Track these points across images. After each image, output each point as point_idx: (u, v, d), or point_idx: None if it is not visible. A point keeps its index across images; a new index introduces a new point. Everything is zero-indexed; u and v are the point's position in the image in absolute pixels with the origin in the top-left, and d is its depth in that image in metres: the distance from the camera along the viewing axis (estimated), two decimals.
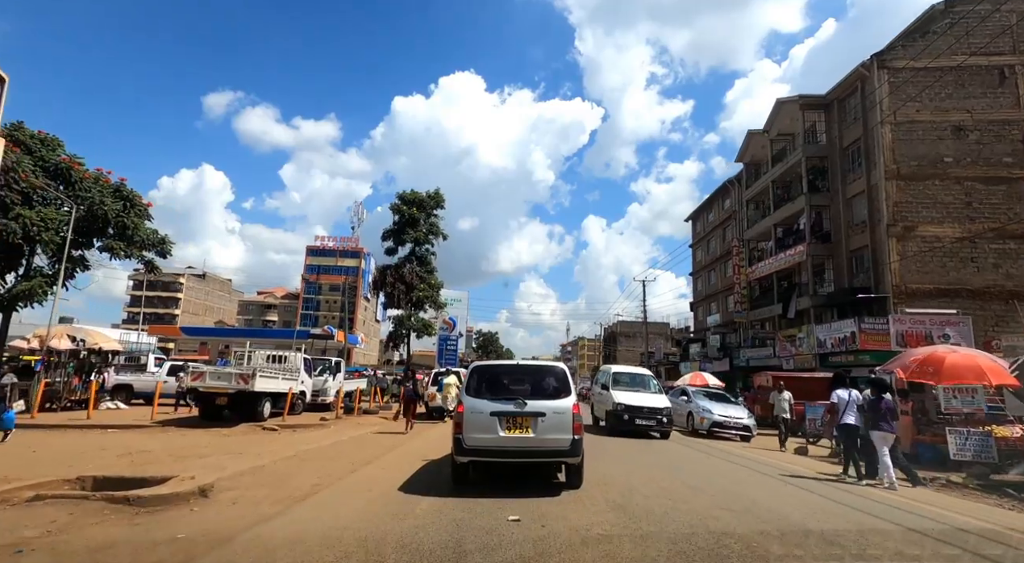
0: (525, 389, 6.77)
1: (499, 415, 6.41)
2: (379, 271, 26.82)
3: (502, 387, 6.86)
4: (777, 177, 31.15)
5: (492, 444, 6.37)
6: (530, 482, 7.05)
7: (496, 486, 6.73)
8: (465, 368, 21.97)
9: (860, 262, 25.31)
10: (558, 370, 7.18)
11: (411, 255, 27.58)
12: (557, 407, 6.52)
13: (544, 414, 6.41)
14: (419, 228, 27.13)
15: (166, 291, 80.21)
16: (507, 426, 6.39)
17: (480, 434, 6.39)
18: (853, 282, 25.42)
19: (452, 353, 44.89)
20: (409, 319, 26.09)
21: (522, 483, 6.96)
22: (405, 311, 26.29)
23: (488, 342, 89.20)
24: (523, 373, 7.28)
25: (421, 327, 26.46)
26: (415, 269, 26.80)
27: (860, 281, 24.96)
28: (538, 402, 6.52)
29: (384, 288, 26.44)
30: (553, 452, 6.49)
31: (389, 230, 27.43)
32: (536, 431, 6.37)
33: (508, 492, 6.36)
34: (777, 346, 29.57)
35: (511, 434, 6.36)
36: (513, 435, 6.36)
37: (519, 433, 6.37)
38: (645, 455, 11.03)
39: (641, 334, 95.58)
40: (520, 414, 6.41)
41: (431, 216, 27.88)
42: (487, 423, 6.39)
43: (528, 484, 6.92)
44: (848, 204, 26.10)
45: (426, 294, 26.64)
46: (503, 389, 6.81)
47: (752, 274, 33.52)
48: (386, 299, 27.04)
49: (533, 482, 7.06)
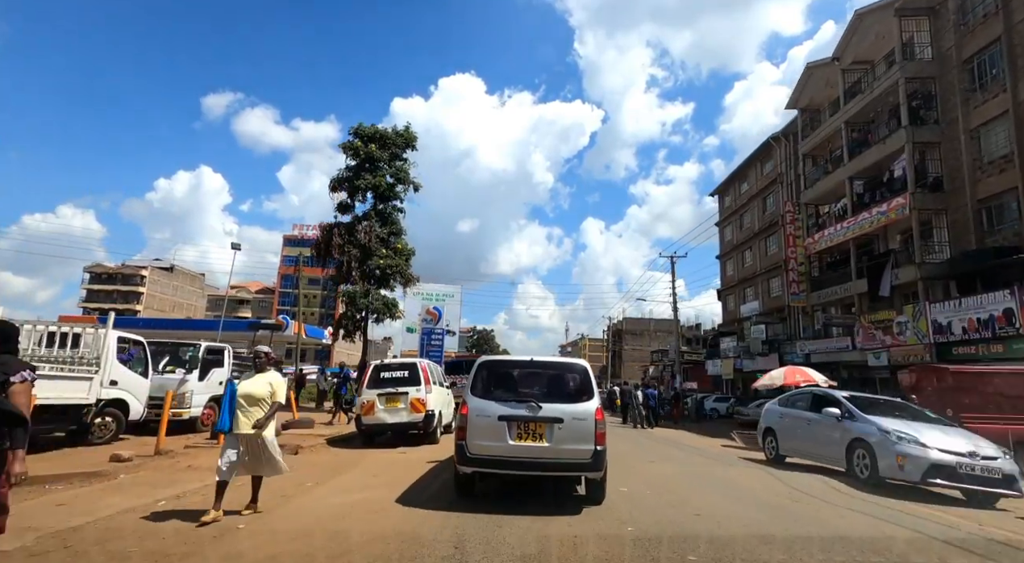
0: (540, 390, 5.88)
1: (508, 420, 5.48)
2: (323, 231, 19.39)
3: (513, 387, 5.97)
4: (854, 115, 23.96)
5: (500, 453, 5.45)
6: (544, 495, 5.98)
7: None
8: (434, 362, 16.80)
9: (998, 213, 18.07)
10: (579, 368, 6.13)
11: (371, 211, 20.25)
12: (577, 412, 5.53)
13: (562, 420, 5.45)
14: (381, 173, 19.77)
15: (126, 285, 72.47)
16: (518, 433, 5.47)
17: (486, 441, 5.48)
18: (985, 241, 18.22)
19: (437, 349, 37.39)
20: (365, 296, 18.68)
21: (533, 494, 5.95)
22: (360, 286, 18.90)
23: (483, 341, 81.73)
24: (538, 371, 6.24)
25: (382, 308, 19.06)
26: (374, 227, 19.45)
27: (998, 239, 17.75)
28: (555, 405, 5.54)
29: (329, 255, 19.05)
30: (571, 465, 5.50)
31: (339, 177, 20.08)
32: (552, 440, 5.42)
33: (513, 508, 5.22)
34: (860, 335, 22.33)
35: (522, 443, 5.45)
36: (525, 444, 5.43)
37: (532, 442, 5.44)
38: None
39: (649, 332, 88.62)
40: (533, 419, 5.46)
41: (398, 159, 20.55)
42: (494, 429, 5.46)
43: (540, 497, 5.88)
44: (973, 137, 18.89)
45: (391, 263, 19.29)
46: (514, 389, 5.93)
47: (814, 246, 26.29)
48: (335, 272, 19.63)
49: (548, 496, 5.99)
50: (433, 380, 11.12)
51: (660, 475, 8.33)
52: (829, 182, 25.66)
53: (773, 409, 10.62)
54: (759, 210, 35.35)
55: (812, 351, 26.05)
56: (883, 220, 21.28)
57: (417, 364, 10.83)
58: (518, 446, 5.42)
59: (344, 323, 19.31)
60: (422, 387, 10.52)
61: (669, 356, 60.55)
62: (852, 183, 23.88)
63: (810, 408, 9.38)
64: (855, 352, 22.77)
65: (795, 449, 9.70)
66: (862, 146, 23.49)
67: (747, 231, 37.07)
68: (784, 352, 29.34)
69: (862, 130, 24.07)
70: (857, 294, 23.12)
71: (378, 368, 10.84)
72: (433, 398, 10.73)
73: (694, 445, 15.23)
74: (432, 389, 10.79)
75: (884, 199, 21.49)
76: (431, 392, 10.66)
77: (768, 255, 34.05)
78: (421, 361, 11.24)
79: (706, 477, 8.39)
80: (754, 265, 35.70)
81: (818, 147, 27.22)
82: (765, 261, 34.13)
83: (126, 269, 74.69)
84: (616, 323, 77.72)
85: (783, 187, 32.06)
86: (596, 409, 5.58)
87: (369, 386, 10.50)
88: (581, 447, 5.42)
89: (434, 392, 10.87)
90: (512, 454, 5.43)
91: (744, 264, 37.79)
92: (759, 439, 10.86)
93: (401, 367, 10.82)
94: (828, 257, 27.21)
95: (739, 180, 38.95)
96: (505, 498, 6.05)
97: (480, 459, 5.51)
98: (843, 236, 23.71)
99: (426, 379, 10.66)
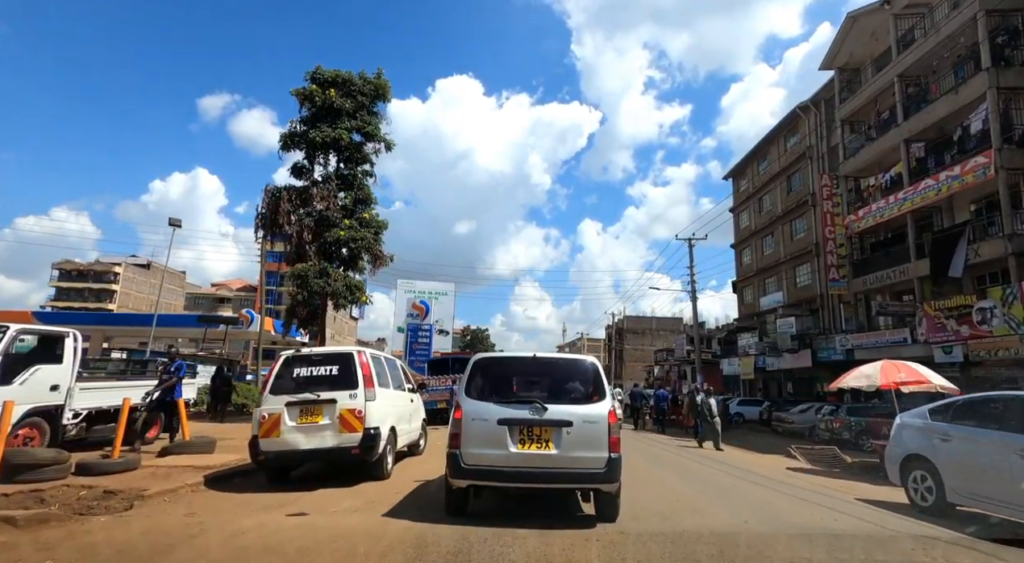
0: (544, 390, 5.28)
1: (510, 424, 4.88)
2: (268, 195, 15.47)
3: (513, 387, 5.43)
4: (909, 66, 20.25)
5: (500, 463, 4.83)
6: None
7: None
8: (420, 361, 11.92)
9: None
10: (588, 365, 5.49)
11: (332, 174, 16.42)
12: (588, 414, 4.93)
13: (571, 423, 4.85)
14: (341, 125, 15.91)
15: (98, 282, 68.23)
16: (520, 439, 4.87)
17: (484, 449, 4.87)
18: None
19: (424, 348, 33.58)
20: (320, 277, 14.82)
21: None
22: (313, 265, 15.04)
23: (476, 340, 77.85)
24: (541, 369, 5.60)
25: (342, 290, 15.19)
26: (333, 191, 15.60)
27: None
28: (562, 407, 4.98)
29: (276, 227, 15.19)
30: (582, 475, 4.83)
31: (291, 131, 16.21)
32: (560, 447, 4.82)
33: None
34: (924, 325, 18.61)
35: (526, 450, 4.83)
36: (529, 451, 4.82)
37: (537, 448, 4.83)
38: None
39: (651, 331, 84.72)
40: (539, 423, 4.89)
41: (365, 110, 16.71)
42: (493, 434, 4.87)
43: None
44: None
45: (355, 236, 15.44)
46: (515, 390, 5.39)
47: (856, 224, 22.58)
48: (285, 248, 15.73)
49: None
50: (381, 381, 7.23)
51: (739, 535, 4.69)
52: (875, 149, 21.96)
53: (922, 425, 6.64)
54: (782, 190, 31.63)
55: (857, 346, 22.31)
56: (955, 186, 17.56)
57: (354, 356, 7.01)
58: (521, 454, 4.82)
59: (296, 310, 15.42)
60: (359, 391, 6.72)
61: (675, 355, 56.93)
62: (908, 147, 20.16)
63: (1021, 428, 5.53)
64: (916, 346, 19.04)
65: (981, 494, 5.85)
66: (921, 102, 19.79)
67: (768, 215, 33.36)
68: (818, 348, 25.61)
69: (921, 83, 20.37)
70: (917, 277, 19.39)
71: (289, 362, 6.92)
72: (378, 408, 6.87)
73: (742, 465, 11.45)
74: (378, 394, 6.95)
75: (955, 162, 17.78)
76: (374, 399, 6.82)
77: (794, 240, 30.35)
78: (361, 351, 7.30)
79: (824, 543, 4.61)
80: (777, 252, 31.98)
81: (860, 110, 23.51)
82: (790, 247, 30.42)
83: (98, 266, 70.42)
84: (617, 321, 73.96)
85: (812, 162, 28.36)
86: (609, 411, 5.00)
87: (273, 390, 6.75)
88: (594, 454, 4.81)
89: (381, 399, 6.97)
90: (515, 464, 4.81)
91: (764, 251, 34.08)
92: (893, 471, 7.00)
93: (326, 359, 7.01)
94: (872, 237, 23.53)
95: (758, 159, 35.25)
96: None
97: (477, 470, 4.86)
98: (897, 210, 19.99)
99: (367, 379, 6.85)
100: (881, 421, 15.23)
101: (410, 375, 9.48)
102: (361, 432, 6.50)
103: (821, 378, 26.46)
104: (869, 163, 22.77)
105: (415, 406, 9.12)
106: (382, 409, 6.96)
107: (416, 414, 9.14)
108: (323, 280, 14.68)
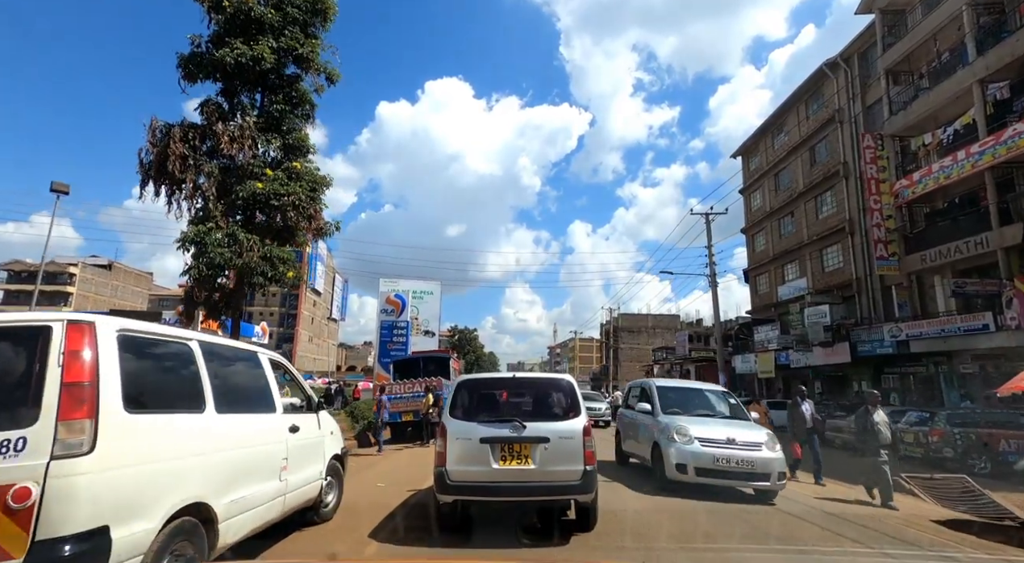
0: (524, 409, 5.63)
1: (491, 442, 5.11)
2: (153, 134, 11.07)
3: (495, 406, 5.71)
4: None
5: (483, 479, 5.08)
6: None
7: None
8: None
9: None
10: (564, 384, 5.78)
11: (247, 106, 12.22)
12: (564, 430, 5.22)
13: (548, 439, 5.13)
14: (265, 42, 11.69)
15: (51, 284, 62.89)
16: (502, 456, 5.10)
17: (468, 466, 5.10)
18: None
19: (401, 349, 29.16)
20: (227, 245, 10.55)
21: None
22: (215, 228, 10.78)
23: (464, 341, 73.54)
24: (521, 388, 6.02)
25: (259, 264, 10.91)
26: (250, 131, 11.37)
27: None
28: (540, 424, 5.23)
29: (166, 177, 10.90)
30: (560, 488, 5.13)
31: (195, 51, 11.95)
32: (538, 462, 5.09)
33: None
34: (1014, 307, 14.83)
35: (507, 466, 5.09)
36: (510, 467, 5.08)
37: (517, 464, 5.09)
38: None
39: (647, 329, 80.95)
40: (518, 440, 5.12)
41: (298, 27, 12.52)
42: (476, 452, 5.10)
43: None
44: None
45: (279, 191, 11.21)
46: (496, 409, 5.65)
47: (910, 189, 18.83)
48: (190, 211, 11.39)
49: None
50: (145, 398, 2.99)
51: None
52: (933, 99, 18.20)
53: None
54: (805, 163, 27.90)
55: (913, 336, 18.53)
56: None
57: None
58: (503, 469, 5.10)
59: (194, 294, 11.11)
60: (38, 431, 2.47)
61: (677, 353, 53.09)
62: (984, 88, 16.42)
63: None
64: (1002, 334, 15.27)
65: None
66: (1001, 33, 16.07)
67: (786, 193, 29.62)
68: (858, 340, 21.86)
69: (997, 9, 16.64)
70: (1001, 248, 15.59)
71: None
72: (107, 476, 2.64)
73: (855, 521, 7.40)
74: (129, 427, 2.81)
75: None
76: (107, 448, 2.61)
77: (819, 218, 26.63)
78: (79, 320, 2.81)
79: None
80: (798, 234, 28.22)
81: (910, 56, 19.76)
82: (816, 227, 26.68)
83: (52, 266, 65.04)
84: (613, 319, 70.12)
85: (843, 126, 24.65)
86: (584, 426, 5.29)
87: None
88: (570, 468, 5.13)
89: (147, 440, 2.85)
90: (497, 479, 5.10)
91: (782, 234, 30.34)
92: None
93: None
94: (925, 206, 19.80)
95: (773, 132, 31.53)
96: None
97: (462, 486, 5.11)
98: (971, 167, 16.21)
99: (73, 394, 2.55)
100: (1001, 433, 11.31)
101: (304, 385, 5.30)
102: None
103: (861, 375, 22.71)
104: (922, 118, 19.00)
105: (308, 440, 4.96)
106: (135, 473, 2.77)
107: (310, 455, 4.98)
108: (230, 249, 10.40)
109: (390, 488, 7.81)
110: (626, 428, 10.49)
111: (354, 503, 6.31)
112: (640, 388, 10.51)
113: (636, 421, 9.66)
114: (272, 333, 70.51)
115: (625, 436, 10.49)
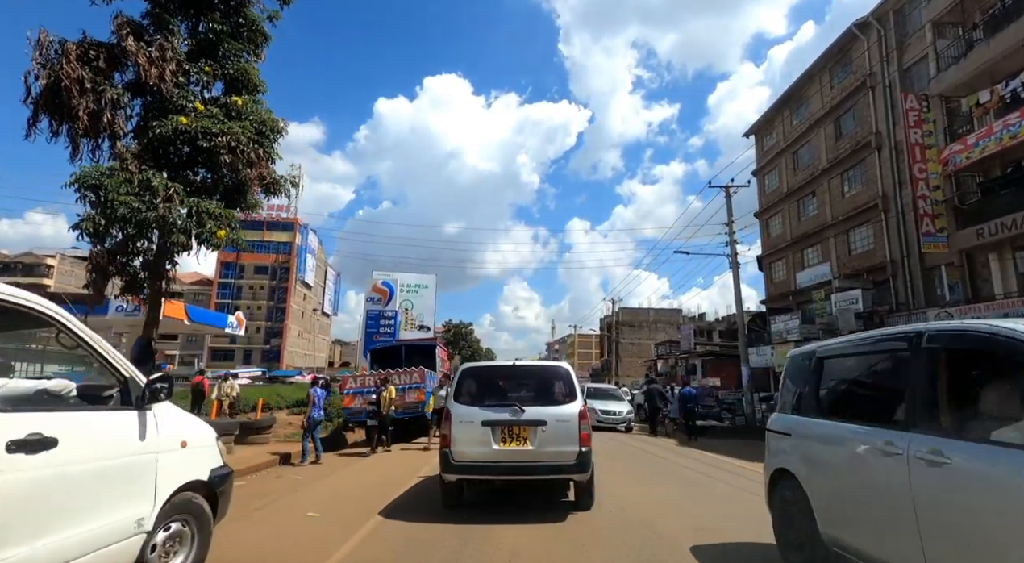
0: (523, 394, 6.02)
1: (492, 425, 5.48)
2: (43, 53, 8.58)
3: (496, 392, 6.15)
4: None
5: (485, 459, 5.48)
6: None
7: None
8: None
9: None
10: (562, 371, 6.24)
11: (177, 28, 9.70)
12: (560, 414, 5.59)
13: (545, 423, 5.49)
14: None
15: (26, 276, 60.12)
16: (502, 438, 5.47)
17: (471, 448, 5.49)
18: None
19: (388, 339, 26.78)
20: (136, 192, 8.05)
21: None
22: (120, 171, 8.26)
23: (459, 336, 71.13)
24: (520, 376, 6.55)
25: (181, 219, 8.42)
26: (173, 48, 8.87)
27: None
28: (538, 409, 5.61)
29: (61, 110, 8.36)
30: (556, 467, 5.51)
31: None
32: (536, 443, 5.45)
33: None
34: None
35: (507, 447, 5.44)
36: (509, 448, 5.44)
37: (516, 446, 5.45)
38: None
39: (648, 323, 78.64)
40: (517, 423, 5.49)
41: None
42: (479, 435, 5.48)
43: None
44: None
45: (211, 129, 8.70)
46: (497, 394, 6.08)
47: (962, 155, 16.45)
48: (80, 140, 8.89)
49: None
50: None
51: None
52: (995, 48, 15.78)
53: None
54: (829, 137, 25.50)
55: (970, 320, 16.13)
56: None
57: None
58: (503, 451, 5.39)
59: (100, 261, 8.58)
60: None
61: (681, 347, 50.74)
62: None
63: None
64: None
65: None
66: None
67: (808, 171, 27.22)
68: None
69: None
70: None
71: None
72: None
73: None
74: None
75: None
76: None
77: (846, 197, 24.25)
78: None
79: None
80: (821, 215, 25.83)
81: (963, 2, 17.36)
82: (841, 206, 24.31)
83: (28, 258, 62.38)
84: (614, 312, 67.79)
85: (875, 92, 22.25)
86: (579, 410, 5.57)
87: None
88: (565, 449, 5.41)
89: None
90: (497, 459, 5.40)
91: (802, 216, 27.94)
92: None
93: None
94: (978, 175, 17.44)
95: (792, 105, 29.08)
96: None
97: (465, 466, 5.46)
98: None
99: None
100: None
101: (113, 358, 2.86)
102: None
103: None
104: (974, 74, 16.59)
105: (94, 463, 2.53)
106: None
107: (94, 491, 2.52)
108: (138, 198, 7.91)
109: (326, 520, 5.39)
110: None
111: (251, 559, 3.88)
112: None
113: None
114: (260, 328, 67.96)
115: None
